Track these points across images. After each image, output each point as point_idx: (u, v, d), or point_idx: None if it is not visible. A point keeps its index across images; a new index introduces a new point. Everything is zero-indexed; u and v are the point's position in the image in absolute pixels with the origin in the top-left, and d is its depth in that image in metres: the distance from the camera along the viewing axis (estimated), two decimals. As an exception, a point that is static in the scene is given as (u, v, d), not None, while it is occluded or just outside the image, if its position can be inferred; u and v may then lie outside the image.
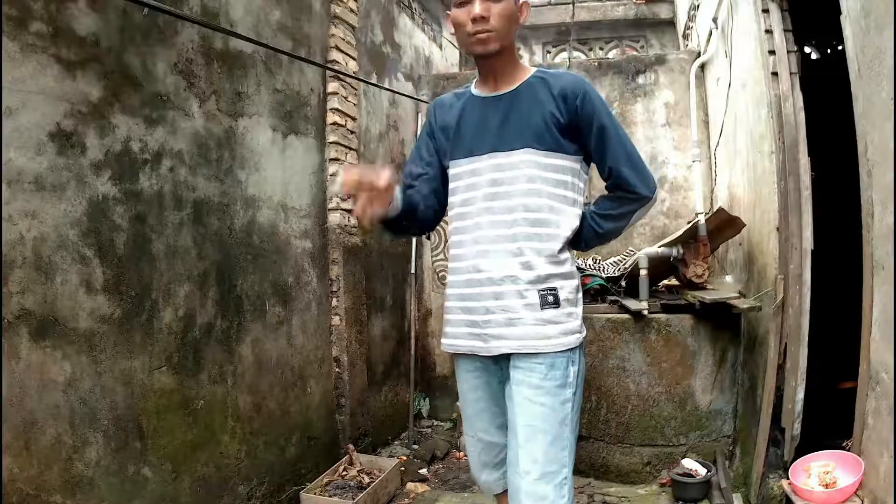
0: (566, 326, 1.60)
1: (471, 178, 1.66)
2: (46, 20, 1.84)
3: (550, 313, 1.57)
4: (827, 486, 2.06)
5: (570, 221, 1.62)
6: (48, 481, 1.81)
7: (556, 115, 1.59)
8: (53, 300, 1.85)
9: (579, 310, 1.65)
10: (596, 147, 1.62)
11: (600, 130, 1.60)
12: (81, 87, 1.95)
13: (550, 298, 1.57)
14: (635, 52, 6.20)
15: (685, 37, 5.38)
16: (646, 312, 3.08)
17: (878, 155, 1.93)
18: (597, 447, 3.24)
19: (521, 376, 1.58)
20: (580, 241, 1.69)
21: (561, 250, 1.60)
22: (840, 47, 3.18)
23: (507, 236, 1.59)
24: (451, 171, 1.71)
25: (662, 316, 3.14)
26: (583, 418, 3.28)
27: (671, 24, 6.13)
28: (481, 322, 1.62)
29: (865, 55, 1.96)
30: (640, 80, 4.55)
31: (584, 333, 1.67)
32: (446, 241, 4.42)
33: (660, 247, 3.48)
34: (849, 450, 2.12)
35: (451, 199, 1.73)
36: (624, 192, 1.64)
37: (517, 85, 1.65)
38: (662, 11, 6.14)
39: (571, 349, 1.60)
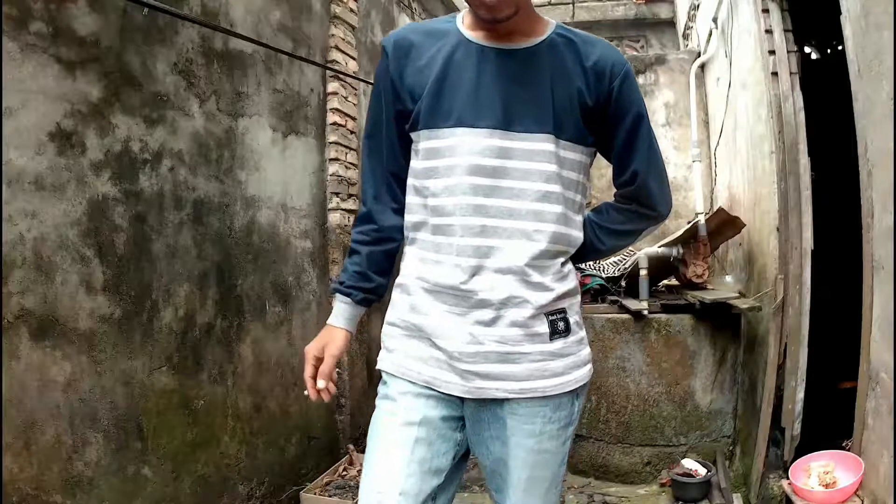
0: (578, 357, 1.25)
1: (454, 157, 1.18)
2: (46, 20, 1.84)
3: (560, 344, 1.22)
4: (827, 486, 2.06)
5: (578, 234, 1.27)
6: (48, 481, 1.81)
7: (584, 95, 1.18)
8: (53, 300, 1.85)
9: (584, 332, 1.31)
10: (624, 146, 1.26)
11: (635, 126, 1.24)
12: (81, 87, 1.95)
13: (561, 325, 1.22)
14: (635, 52, 6.20)
15: (685, 37, 5.39)
16: (646, 312, 3.08)
17: (878, 155, 1.93)
18: (597, 447, 3.24)
19: (518, 424, 1.22)
20: (577, 253, 1.32)
21: (565, 264, 1.26)
22: (840, 47, 3.18)
23: (510, 251, 1.18)
24: (422, 145, 1.22)
25: (662, 316, 3.14)
26: (583, 418, 3.28)
27: (671, 24, 6.13)
28: (463, 355, 1.18)
29: (865, 55, 1.96)
30: (640, 80, 4.55)
31: (591, 364, 1.32)
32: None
33: (660, 247, 3.48)
34: (849, 450, 2.12)
35: (421, 183, 1.23)
36: (642, 206, 1.32)
37: (536, 41, 1.20)
38: (662, 11, 6.14)
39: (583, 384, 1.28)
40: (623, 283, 3.52)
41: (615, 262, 3.71)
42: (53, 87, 1.87)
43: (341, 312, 1.33)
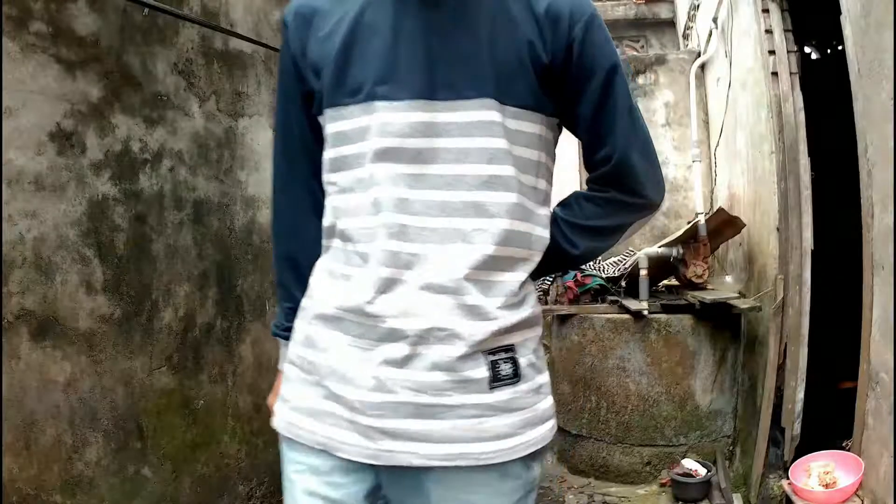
0: (533, 412, 0.91)
1: (366, 141, 0.88)
2: (46, 20, 1.84)
3: (506, 394, 0.88)
4: (827, 486, 2.06)
5: (543, 233, 0.95)
6: (48, 481, 1.81)
7: (537, 49, 0.88)
8: (53, 300, 1.85)
9: (546, 377, 0.96)
10: (594, 114, 0.93)
11: (607, 86, 0.92)
12: (81, 87, 1.95)
13: (507, 369, 0.88)
14: (635, 52, 6.20)
15: (685, 37, 5.38)
16: (646, 312, 3.08)
17: (878, 155, 1.93)
18: (597, 447, 3.24)
19: (450, 497, 0.90)
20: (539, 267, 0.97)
21: (524, 283, 0.92)
22: (840, 47, 3.18)
23: (440, 260, 0.86)
24: (328, 129, 0.93)
25: (662, 316, 3.14)
26: (583, 418, 3.29)
27: (671, 24, 6.13)
28: (365, 405, 0.87)
29: (865, 55, 1.96)
30: (640, 80, 4.55)
31: (555, 418, 0.97)
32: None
33: (660, 247, 3.49)
34: (849, 450, 2.12)
35: (329, 177, 0.96)
36: (624, 192, 0.97)
37: None
38: (662, 11, 6.14)
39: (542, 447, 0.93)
40: (623, 283, 3.52)
41: (615, 262, 3.72)
42: (53, 87, 1.87)
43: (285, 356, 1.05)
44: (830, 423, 2.38)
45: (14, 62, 1.75)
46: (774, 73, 2.69)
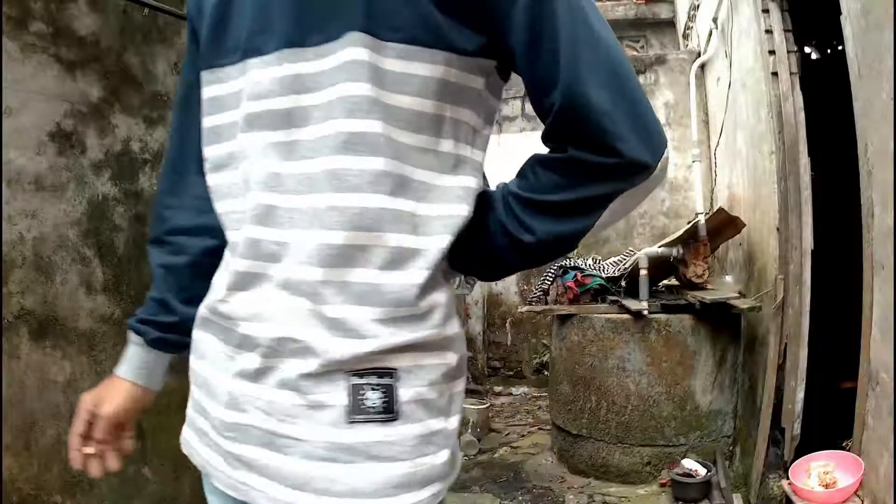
0: (414, 468, 0.68)
1: (238, 107, 0.74)
2: (46, 20, 1.84)
3: (373, 435, 0.66)
4: (827, 486, 2.06)
5: (446, 212, 0.71)
6: (48, 481, 1.81)
7: None
8: (53, 300, 1.85)
9: (452, 423, 0.73)
10: (530, 40, 0.67)
11: (537, 3, 0.66)
12: (81, 87, 1.95)
13: (375, 399, 0.67)
14: (635, 53, 6.20)
15: (685, 37, 5.39)
16: (646, 312, 3.08)
17: (878, 155, 1.93)
18: (597, 447, 3.24)
19: None
20: (477, 256, 0.75)
21: (425, 288, 0.69)
22: (840, 47, 3.18)
23: (302, 252, 0.68)
24: (203, 93, 0.79)
25: (662, 316, 3.14)
26: (583, 418, 3.29)
27: (671, 24, 6.13)
28: (222, 426, 0.73)
29: (865, 55, 1.96)
30: (640, 80, 4.55)
31: (452, 477, 0.73)
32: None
33: (660, 247, 3.49)
34: (849, 450, 2.12)
35: (205, 152, 0.81)
36: (584, 148, 0.67)
37: None
38: (662, 11, 6.14)
39: None
40: (623, 283, 3.52)
41: (615, 262, 3.72)
42: (53, 87, 1.87)
43: (129, 357, 0.89)
44: (830, 423, 2.38)
45: (14, 62, 1.75)
46: (774, 73, 2.69)
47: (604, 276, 3.59)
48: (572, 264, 3.77)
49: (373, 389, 0.67)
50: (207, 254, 0.83)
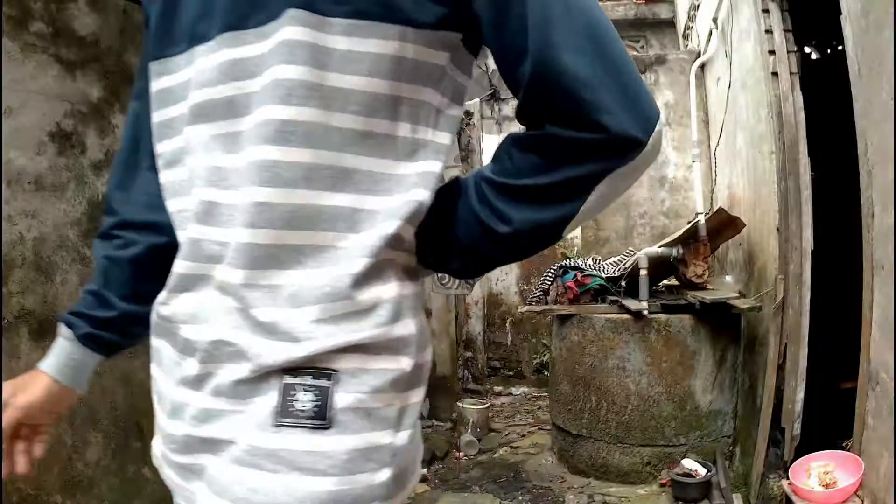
0: (351, 485, 0.60)
1: (185, 97, 0.68)
2: (46, 20, 1.84)
3: (302, 443, 0.59)
4: (827, 486, 2.07)
5: (400, 204, 0.63)
6: (48, 481, 1.81)
7: None
8: (53, 300, 1.85)
9: (401, 438, 0.64)
10: (496, 10, 0.61)
11: None
12: (81, 87, 1.95)
13: (306, 402, 0.60)
14: (635, 53, 6.21)
15: (685, 37, 5.38)
16: (646, 312, 3.09)
17: (878, 155, 1.93)
18: (597, 447, 3.24)
19: None
20: (449, 251, 0.68)
21: (363, 279, 0.62)
22: (840, 47, 3.18)
23: (238, 252, 0.62)
24: (152, 86, 0.73)
25: (662, 316, 3.14)
26: (583, 418, 3.29)
27: (671, 24, 6.13)
28: (169, 438, 0.70)
29: (865, 55, 1.96)
30: (640, 80, 4.56)
31: (398, 499, 0.65)
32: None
33: (660, 247, 3.49)
34: (849, 450, 2.12)
35: (156, 148, 0.74)
36: (562, 122, 0.60)
37: None
38: (662, 11, 6.14)
39: None
40: (623, 283, 3.52)
41: (615, 262, 3.72)
42: (53, 87, 1.87)
43: (56, 352, 0.80)
44: (830, 423, 2.38)
45: (14, 62, 1.75)
46: (774, 73, 2.69)
47: (604, 276, 3.59)
48: (572, 264, 3.77)
49: (305, 391, 0.59)
50: (155, 251, 0.76)
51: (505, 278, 5.68)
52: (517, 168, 0.63)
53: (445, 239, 0.67)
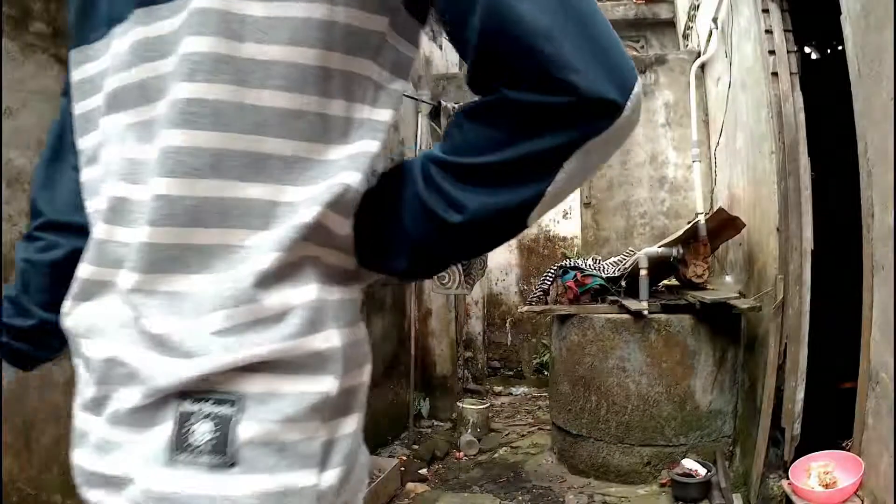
0: None
1: (102, 86, 0.60)
2: (46, 20, 1.84)
3: (193, 483, 0.48)
4: (827, 486, 2.07)
5: (316, 192, 0.53)
6: (48, 481, 1.81)
7: None
8: (53, 300, 1.86)
9: (328, 479, 0.52)
10: None
11: None
12: (81, 87, 1.95)
13: (203, 434, 0.49)
14: (635, 53, 6.21)
15: (685, 37, 5.39)
16: (646, 312, 3.09)
17: (878, 155, 1.93)
18: (597, 447, 3.24)
19: None
20: (394, 248, 0.57)
21: (271, 278, 0.51)
22: (840, 47, 3.18)
23: (130, 248, 0.53)
24: (72, 76, 0.67)
25: (662, 316, 3.14)
26: (583, 418, 3.29)
27: (671, 24, 6.13)
28: (78, 468, 0.58)
29: (865, 55, 1.96)
30: (640, 80, 4.56)
31: None
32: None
33: (660, 247, 3.49)
34: (849, 450, 2.12)
35: (78, 144, 0.66)
36: (519, 83, 0.50)
37: None
38: (662, 11, 6.14)
39: None
40: (623, 283, 3.52)
41: (615, 262, 3.72)
42: (53, 87, 1.87)
43: None
44: (830, 423, 2.38)
45: (14, 62, 1.76)
46: (774, 73, 2.69)
47: (604, 276, 3.59)
48: (572, 264, 3.77)
49: (204, 419, 0.49)
50: (78, 254, 0.63)
51: (505, 278, 5.68)
52: (469, 144, 0.53)
53: (388, 234, 0.56)
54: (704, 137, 4.29)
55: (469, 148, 0.53)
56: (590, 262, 3.81)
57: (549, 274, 3.78)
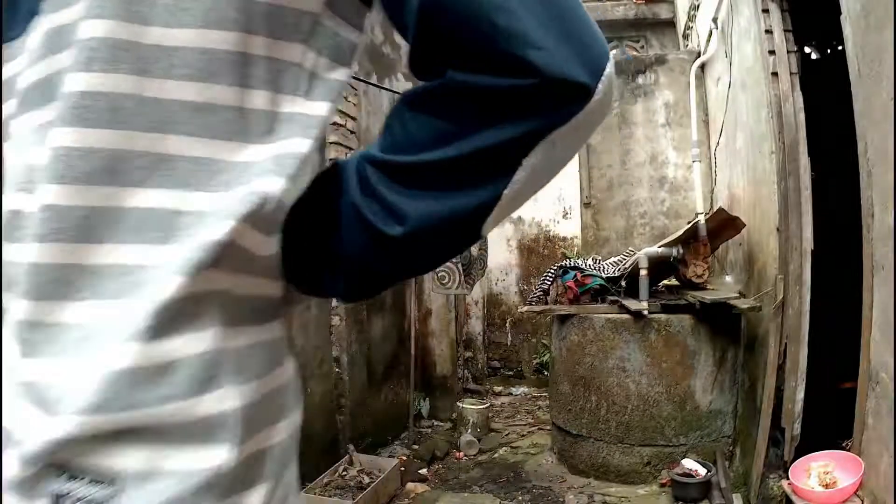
0: None
1: (14, 88, 0.49)
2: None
3: None
4: (827, 486, 2.07)
5: (229, 201, 0.44)
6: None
7: None
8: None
9: None
10: None
11: None
12: (81, 87, 1.95)
13: None
14: (635, 53, 6.20)
15: (685, 37, 5.38)
16: (646, 312, 3.09)
17: (878, 155, 1.93)
18: (597, 447, 3.24)
19: None
20: (326, 266, 0.50)
21: (163, 313, 0.41)
22: (840, 47, 3.18)
23: (17, 270, 0.43)
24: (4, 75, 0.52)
25: (662, 316, 3.14)
26: (583, 418, 3.29)
27: (671, 24, 6.13)
28: None
29: (865, 55, 1.96)
30: (640, 80, 4.55)
31: None
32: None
33: (660, 247, 3.49)
34: (849, 450, 2.12)
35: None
36: (476, 66, 0.42)
37: None
38: (662, 11, 6.14)
39: None
40: (623, 283, 3.52)
41: (615, 262, 3.72)
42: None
43: None
44: (830, 423, 2.38)
45: (14, 62, 1.75)
46: (774, 73, 2.69)
47: (604, 276, 3.59)
48: (572, 264, 3.77)
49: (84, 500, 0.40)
50: None
51: (505, 278, 5.68)
52: (411, 139, 0.45)
53: (320, 250, 0.49)
54: (704, 137, 4.29)
55: (410, 144, 0.45)
56: (590, 262, 3.81)
57: (549, 274, 3.78)
